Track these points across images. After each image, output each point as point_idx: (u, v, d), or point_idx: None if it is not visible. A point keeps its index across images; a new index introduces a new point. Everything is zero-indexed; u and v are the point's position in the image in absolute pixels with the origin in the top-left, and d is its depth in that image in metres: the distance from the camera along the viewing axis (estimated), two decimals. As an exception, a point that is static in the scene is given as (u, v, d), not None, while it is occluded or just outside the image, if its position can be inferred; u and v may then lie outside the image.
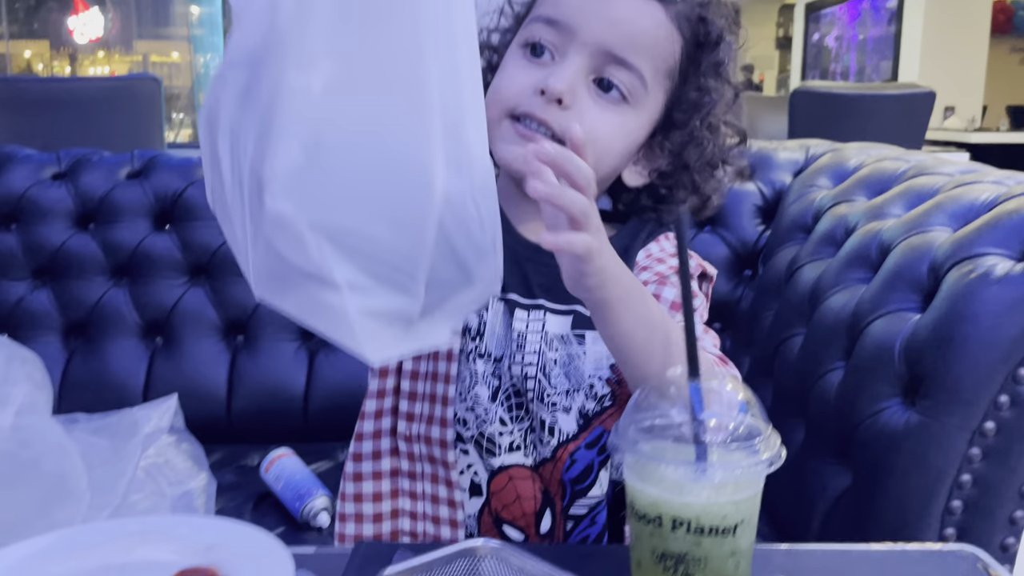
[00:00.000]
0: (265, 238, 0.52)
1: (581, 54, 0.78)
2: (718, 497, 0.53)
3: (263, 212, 0.51)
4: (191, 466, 1.33)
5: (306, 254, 0.51)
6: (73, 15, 9.64)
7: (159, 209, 1.58)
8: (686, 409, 0.56)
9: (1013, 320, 0.91)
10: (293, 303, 0.55)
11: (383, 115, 0.51)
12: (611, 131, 0.80)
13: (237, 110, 0.53)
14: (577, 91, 0.78)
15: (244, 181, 0.53)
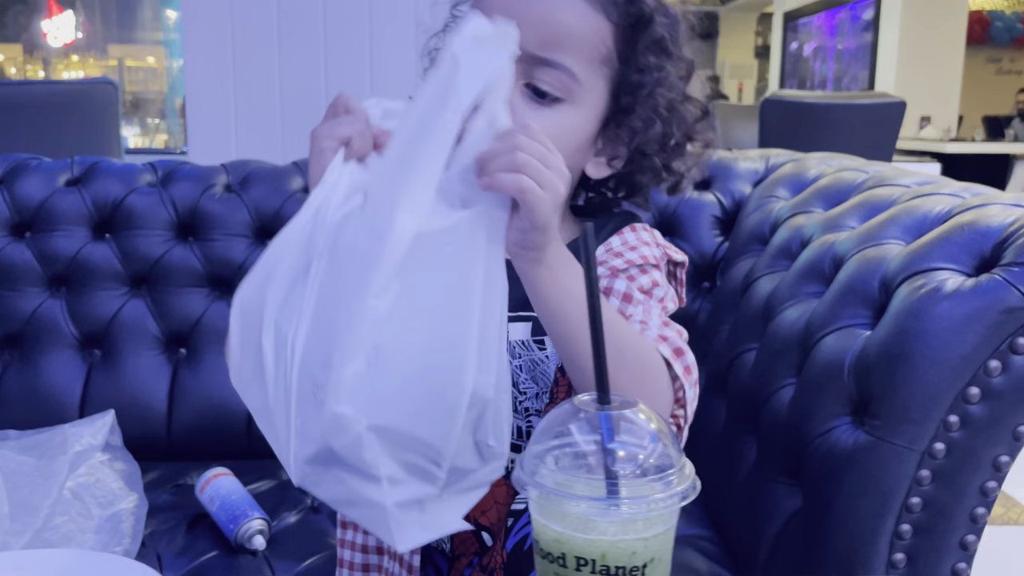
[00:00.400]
0: (319, 434, 0.58)
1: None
2: (626, 534, 0.50)
3: (322, 412, 0.58)
4: (122, 486, 1.28)
5: (359, 453, 0.58)
6: (47, 19, 9.54)
7: (98, 217, 1.53)
8: (595, 438, 0.52)
9: (963, 338, 0.88)
10: (331, 492, 0.61)
11: (433, 335, 0.59)
12: (553, 134, 0.75)
13: (281, 310, 0.62)
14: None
15: (292, 379, 0.60)
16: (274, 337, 0.62)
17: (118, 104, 2.67)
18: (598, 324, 0.52)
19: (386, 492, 0.59)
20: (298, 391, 0.60)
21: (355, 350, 0.57)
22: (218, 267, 1.53)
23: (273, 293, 0.63)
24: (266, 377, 0.62)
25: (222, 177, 1.57)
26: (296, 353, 0.60)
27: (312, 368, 0.59)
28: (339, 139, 0.72)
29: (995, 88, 8.91)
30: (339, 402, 0.57)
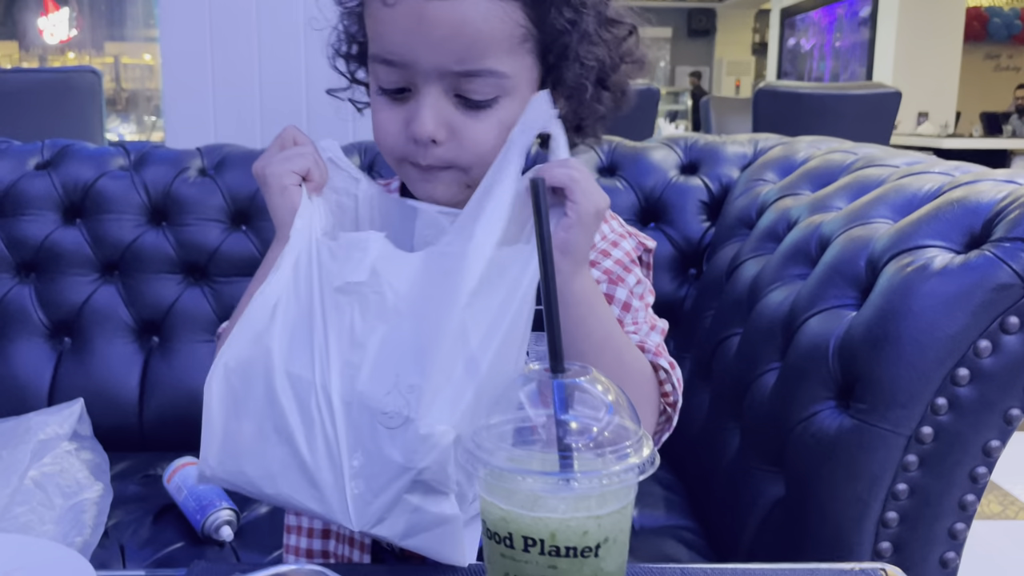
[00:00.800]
0: (402, 459, 0.60)
1: (429, 84, 0.74)
2: (577, 511, 0.46)
3: (406, 434, 0.60)
4: (87, 476, 1.24)
5: (444, 468, 0.60)
6: (43, 16, 9.50)
7: (68, 201, 1.49)
8: (546, 410, 0.48)
9: (951, 317, 0.84)
10: (399, 525, 0.62)
11: (498, 351, 0.63)
12: (495, 133, 0.76)
13: (293, 360, 0.65)
14: (445, 119, 0.74)
15: (337, 424, 0.62)
16: (292, 389, 0.64)
17: (101, 93, 2.63)
18: (550, 284, 0.48)
19: (457, 505, 0.61)
20: (349, 433, 0.62)
21: (446, 363, 0.61)
22: (192, 253, 1.49)
23: (277, 346, 0.65)
24: (292, 433, 0.63)
25: (196, 161, 1.53)
26: (335, 396, 0.62)
27: (375, 400, 0.61)
28: (299, 173, 0.73)
29: (993, 84, 8.88)
30: (430, 413, 0.60)
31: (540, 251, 0.49)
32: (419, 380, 0.60)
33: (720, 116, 4.02)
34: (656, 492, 1.26)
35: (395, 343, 0.63)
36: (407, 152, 0.76)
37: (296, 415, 0.63)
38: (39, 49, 9.79)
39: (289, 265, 0.68)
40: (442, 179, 0.77)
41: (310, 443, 0.63)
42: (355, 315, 0.65)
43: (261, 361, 0.65)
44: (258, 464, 0.65)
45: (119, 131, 8.13)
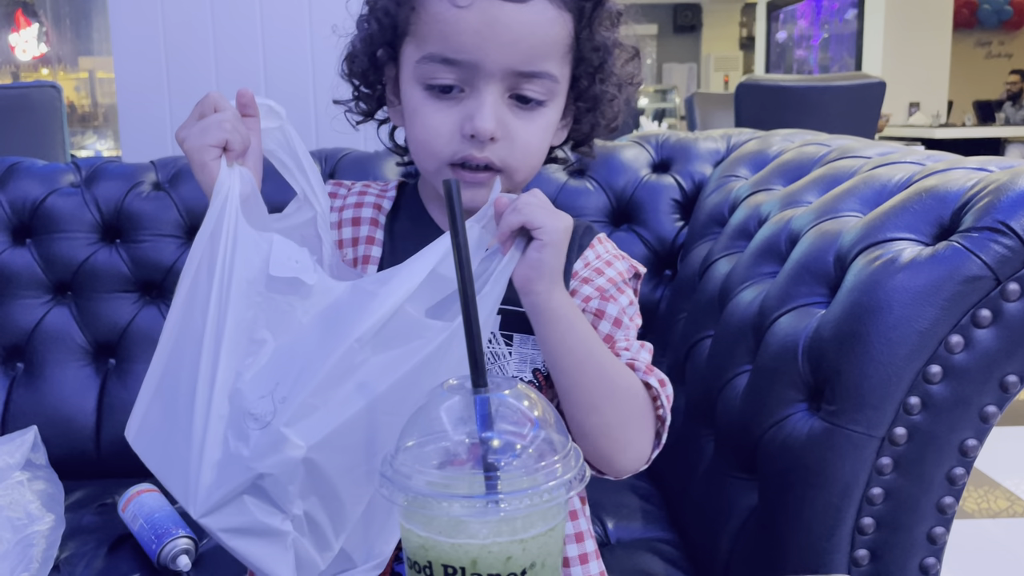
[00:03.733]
0: (250, 457, 0.62)
1: (492, 83, 0.77)
2: (499, 536, 0.44)
3: (264, 434, 0.62)
4: (39, 507, 1.21)
5: (285, 483, 0.62)
6: (14, 32, 9.46)
7: (17, 221, 1.47)
8: (467, 427, 0.46)
9: (921, 312, 0.82)
10: (232, 521, 0.64)
11: (384, 403, 0.63)
12: (541, 136, 0.82)
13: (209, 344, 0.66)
14: (502, 119, 0.78)
15: (212, 412, 0.64)
16: (183, 371, 0.66)
17: (62, 108, 2.60)
18: (468, 291, 0.46)
19: (289, 525, 0.63)
20: (218, 424, 0.64)
21: (324, 387, 0.62)
22: (147, 270, 1.46)
23: (176, 327, 0.69)
24: (177, 411, 0.65)
25: (150, 175, 1.51)
26: (217, 385, 0.64)
27: (248, 401, 0.63)
28: (217, 146, 0.72)
29: (985, 72, 8.90)
30: (289, 424, 0.61)
31: (456, 255, 0.47)
32: (292, 394, 0.62)
33: (705, 112, 4.01)
34: (633, 503, 1.24)
35: (287, 355, 0.64)
36: (459, 151, 0.79)
37: (185, 396, 0.65)
38: (11, 66, 9.75)
39: (201, 244, 0.69)
40: (488, 184, 0.80)
41: (186, 424, 0.65)
42: (259, 315, 0.66)
43: (189, 343, 0.67)
44: (153, 439, 0.69)
45: (96, 147, 8.09)
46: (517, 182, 0.82)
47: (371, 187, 0.94)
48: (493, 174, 0.80)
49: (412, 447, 0.47)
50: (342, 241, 0.88)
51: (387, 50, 0.84)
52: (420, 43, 0.79)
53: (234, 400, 0.64)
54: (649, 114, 9.39)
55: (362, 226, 0.89)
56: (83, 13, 9.28)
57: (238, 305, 0.66)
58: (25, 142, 2.57)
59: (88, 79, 9.98)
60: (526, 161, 0.81)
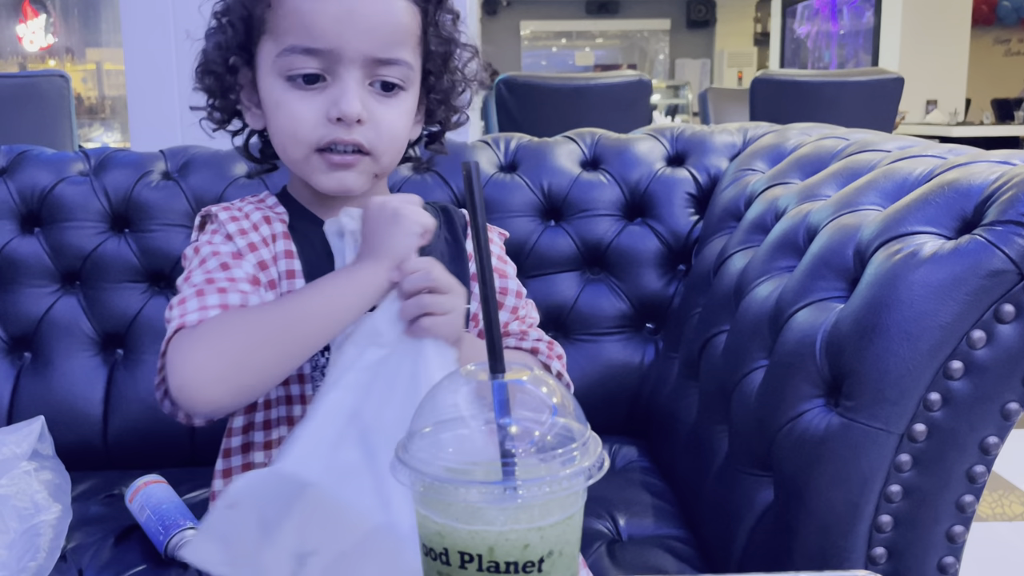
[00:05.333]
0: None
1: (353, 69, 0.83)
2: (517, 523, 0.44)
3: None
4: (46, 497, 1.22)
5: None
6: (21, 23, 9.49)
7: (26, 209, 1.47)
8: (485, 413, 0.46)
9: (943, 306, 0.82)
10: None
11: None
12: (403, 121, 0.88)
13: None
14: (366, 105, 0.84)
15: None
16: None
17: (70, 97, 2.61)
18: (488, 279, 0.46)
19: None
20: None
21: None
22: (156, 260, 1.46)
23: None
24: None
25: (160, 164, 1.51)
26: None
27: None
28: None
29: (1004, 70, 8.85)
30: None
31: (476, 242, 0.46)
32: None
33: (718, 108, 4.00)
34: (645, 500, 1.24)
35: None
36: (326, 135, 0.84)
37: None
38: (18, 57, 9.78)
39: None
40: (357, 168, 0.86)
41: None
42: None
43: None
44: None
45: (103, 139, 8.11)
46: (384, 166, 0.88)
47: (256, 204, 0.95)
48: (361, 157, 0.85)
49: (429, 432, 0.46)
50: (265, 262, 0.88)
51: (241, 54, 0.88)
52: (279, 37, 0.83)
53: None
54: (662, 110, 9.37)
55: (277, 243, 0.90)
56: (91, 3, 9.29)
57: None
58: (33, 131, 2.58)
59: (96, 71, 9.99)
60: (392, 144, 0.87)
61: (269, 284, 0.87)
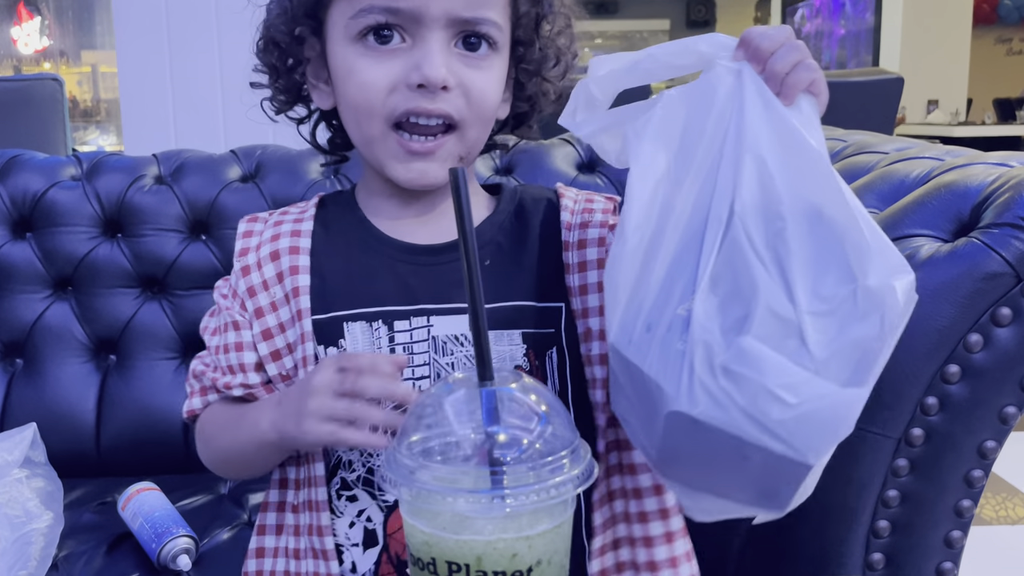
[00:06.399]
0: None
1: (436, 30, 0.74)
2: (505, 532, 0.44)
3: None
4: (37, 505, 1.22)
5: None
6: (16, 25, 9.50)
7: (17, 214, 1.47)
8: (473, 421, 0.46)
9: (939, 310, 0.82)
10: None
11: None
12: (494, 86, 0.79)
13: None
14: (452, 68, 0.75)
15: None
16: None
17: (63, 101, 2.61)
18: (475, 287, 0.46)
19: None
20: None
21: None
22: (149, 265, 1.47)
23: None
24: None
25: (153, 168, 1.51)
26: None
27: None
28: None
29: (1005, 69, 8.85)
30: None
31: (464, 250, 0.46)
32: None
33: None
34: (642, 506, 1.24)
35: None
36: (405, 103, 0.74)
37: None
38: (13, 60, 9.78)
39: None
40: (438, 154, 0.76)
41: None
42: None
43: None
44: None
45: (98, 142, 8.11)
46: (471, 142, 0.78)
47: (288, 212, 0.89)
48: (444, 138, 0.76)
49: (416, 441, 0.46)
50: (266, 282, 0.83)
51: (308, 23, 0.79)
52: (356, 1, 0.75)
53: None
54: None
55: (282, 259, 0.83)
56: (85, 6, 9.31)
57: None
58: (26, 136, 2.57)
59: (91, 73, 10.01)
60: (481, 115, 0.77)
61: (272, 355, 0.82)
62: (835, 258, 0.57)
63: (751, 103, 0.62)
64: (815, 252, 0.57)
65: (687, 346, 0.55)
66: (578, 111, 0.72)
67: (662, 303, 0.59)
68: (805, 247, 0.57)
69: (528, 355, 0.79)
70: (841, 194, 0.58)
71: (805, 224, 0.57)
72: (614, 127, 0.71)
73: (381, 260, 0.82)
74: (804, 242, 0.57)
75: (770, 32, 0.64)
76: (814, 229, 0.57)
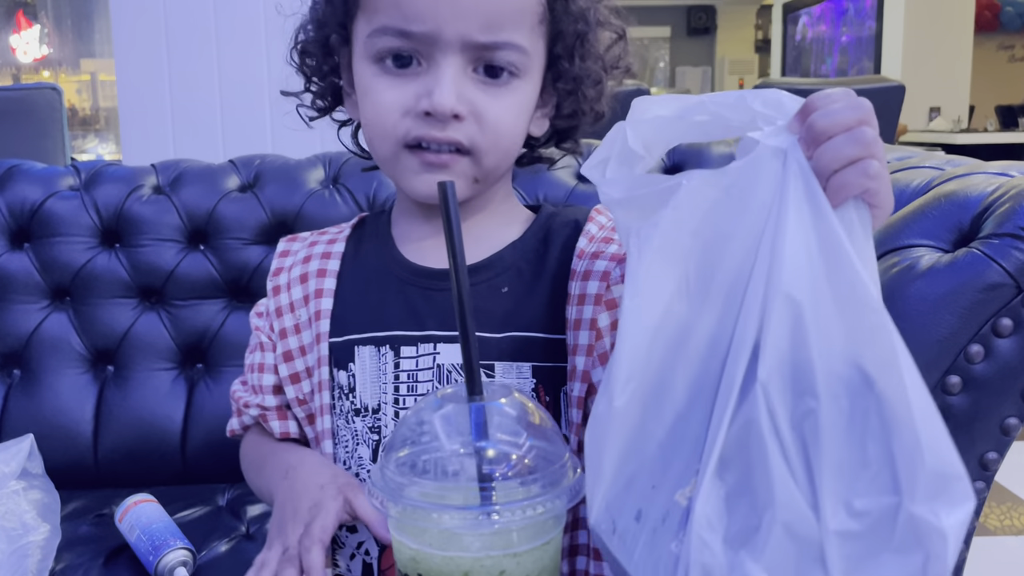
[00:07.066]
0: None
1: (451, 55, 0.71)
2: (492, 549, 0.43)
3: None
4: (34, 517, 1.21)
5: None
6: (15, 34, 9.54)
7: (15, 225, 1.47)
8: (461, 436, 0.45)
9: (939, 320, 0.81)
10: None
11: None
12: (514, 114, 0.75)
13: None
14: (466, 95, 0.72)
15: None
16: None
17: (62, 110, 2.61)
18: (463, 296, 0.46)
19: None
20: None
21: None
22: (147, 275, 1.46)
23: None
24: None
25: (151, 178, 1.51)
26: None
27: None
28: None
29: (1008, 76, 8.85)
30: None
31: (452, 264, 0.46)
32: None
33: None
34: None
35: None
36: (413, 130, 0.73)
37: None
38: (12, 68, 9.81)
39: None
40: (453, 169, 0.74)
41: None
42: None
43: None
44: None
45: (97, 151, 8.13)
46: (487, 168, 0.76)
47: (326, 233, 0.90)
48: (459, 157, 0.74)
49: (405, 456, 0.46)
50: (292, 304, 0.84)
51: (340, 32, 0.78)
52: (371, 16, 0.73)
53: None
54: (663, 119, 9.37)
55: (309, 281, 0.84)
56: (85, 15, 9.34)
57: None
58: (24, 145, 2.58)
59: (90, 82, 10.03)
60: (497, 143, 0.74)
61: (291, 377, 0.83)
62: (877, 456, 0.45)
63: (795, 207, 0.49)
64: (852, 445, 0.46)
65: (682, 552, 0.44)
66: (611, 164, 0.59)
67: (657, 481, 0.47)
68: (840, 437, 0.46)
69: (537, 389, 0.77)
70: (895, 360, 0.47)
71: (845, 403, 0.46)
72: (642, 206, 0.56)
73: (394, 283, 0.82)
74: (840, 430, 0.46)
75: (835, 109, 0.51)
76: (855, 411, 0.46)
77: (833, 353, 0.46)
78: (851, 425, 0.46)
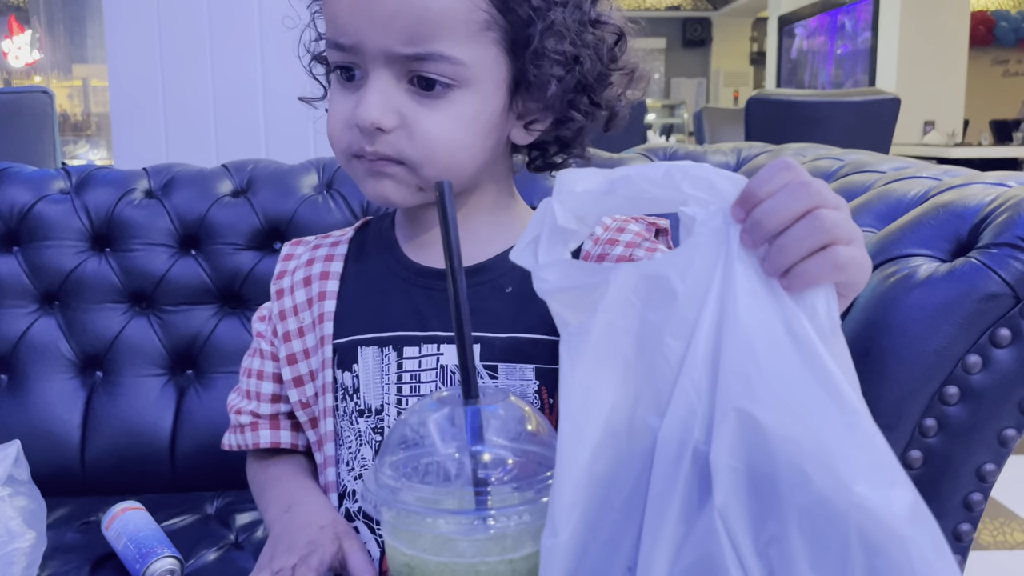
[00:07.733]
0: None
1: (376, 68, 0.72)
2: (488, 555, 0.43)
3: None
4: (20, 524, 1.20)
5: None
6: (7, 39, 9.53)
7: (4, 228, 1.46)
8: (457, 440, 0.45)
9: (937, 330, 0.81)
10: None
11: None
12: (453, 127, 0.73)
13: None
14: (395, 107, 0.72)
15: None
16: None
17: (53, 113, 2.61)
18: (460, 300, 0.45)
19: None
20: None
21: None
22: (137, 280, 1.45)
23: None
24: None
25: (143, 182, 1.50)
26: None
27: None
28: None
29: (1002, 91, 8.91)
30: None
31: (448, 264, 0.45)
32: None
33: (714, 127, 4.02)
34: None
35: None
36: (353, 142, 0.74)
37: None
38: (4, 73, 9.80)
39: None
40: (391, 176, 0.74)
41: None
42: None
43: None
44: None
45: (88, 156, 8.11)
46: (427, 178, 0.74)
47: (330, 236, 0.91)
48: (394, 165, 0.74)
49: (399, 460, 0.45)
50: (296, 307, 0.85)
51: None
52: (326, 29, 0.76)
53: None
54: (656, 129, 9.42)
55: (313, 284, 0.85)
56: (77, 19, 9.33)
57: None
58: (15, 149, 2.58)
59: (82, 87, 10.02)
60: (431, 155, 0.73)
61: (295, 380, 0.85)
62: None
63: (746, 297, 0.45)
64: (828, 572, 0.41)
65: None
66: (542, 243, 0.54)
67: None
68: (815, 564, 0.41)
69: (540, 392, 0.76)
70: (879, 468, 0.43)
71: (812, 524, 0.41)
72: (574, 302, 0.52)
73: (398, 283, 0.82)
74: (815, 556, 0.41)
75: (781, 199, 0.46)
76: (826, 531, 0.41)
77: (802, 468, 0.42)
78: (826, 550, 0.41)
